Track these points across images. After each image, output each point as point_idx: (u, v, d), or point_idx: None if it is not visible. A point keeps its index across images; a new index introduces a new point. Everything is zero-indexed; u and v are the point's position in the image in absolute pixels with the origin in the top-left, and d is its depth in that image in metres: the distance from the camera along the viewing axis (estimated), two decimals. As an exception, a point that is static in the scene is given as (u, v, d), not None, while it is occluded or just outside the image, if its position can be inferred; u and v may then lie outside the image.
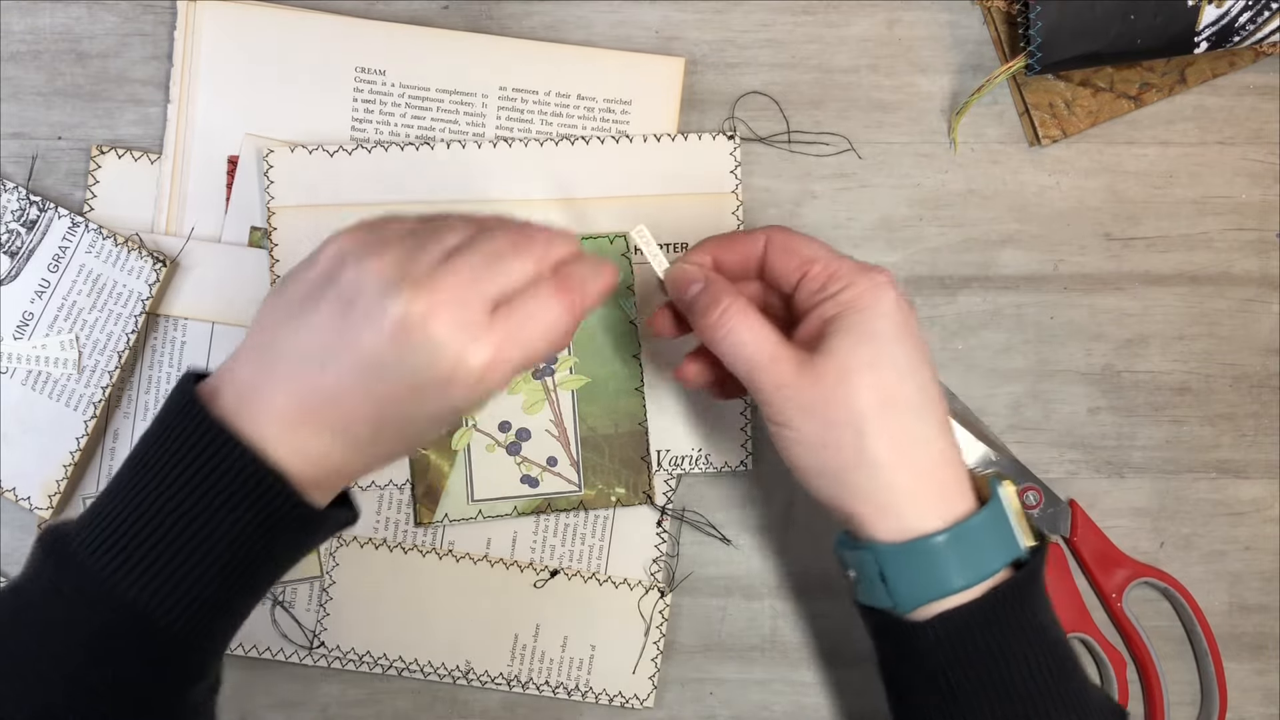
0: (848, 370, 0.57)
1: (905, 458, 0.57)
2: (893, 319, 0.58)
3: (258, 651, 0.74)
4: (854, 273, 0.59)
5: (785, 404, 0.58)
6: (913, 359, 0.59)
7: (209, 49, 0.74)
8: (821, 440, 0.57)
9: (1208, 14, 0.72)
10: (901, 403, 0.58)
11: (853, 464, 0.57)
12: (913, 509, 0.57)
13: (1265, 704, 0.76)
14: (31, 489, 0.73)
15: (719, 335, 0.59)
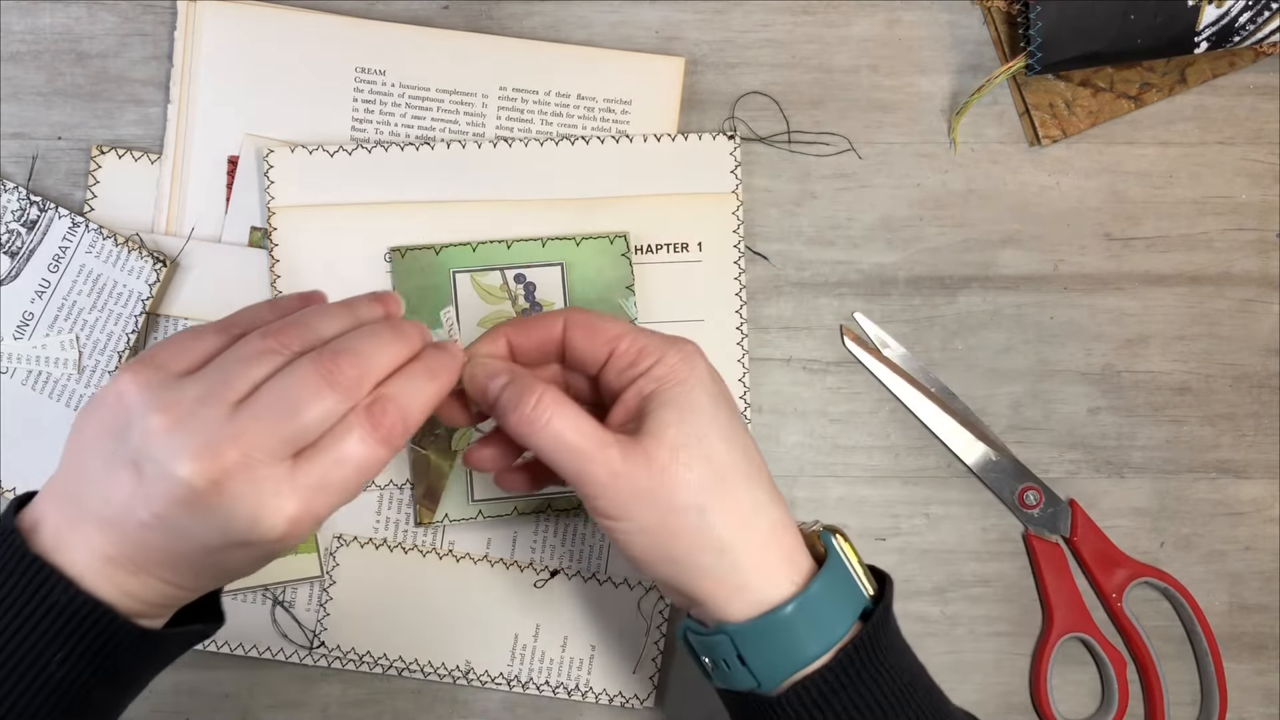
0: (678, 448, 0.54)
1: (747, 531, 0.55)
2: (709, 389, 0.56)
3: (258, 652, 0.74)
4: (664, 346, 0.56)
5: (616, 493, 0.53)
6: (734, 427, 0.57)
7: (209, 49, 0.74)
8: (663, 526, 0.54)
9: (1208, 14, 0.72)
10: (734, 474, 0.55)
11: (698, 546, 0.54)
12: (761, 581, 0.54)
13: (1265, 704, 0.76)
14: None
15: (536, 430, 0.54)
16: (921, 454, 0.76)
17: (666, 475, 0.53)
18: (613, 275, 0.73)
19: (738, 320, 0.74)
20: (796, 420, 0.76)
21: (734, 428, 0.57)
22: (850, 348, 0.76)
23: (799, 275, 0.76)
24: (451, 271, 0.73)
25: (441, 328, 0.59)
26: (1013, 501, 0.75)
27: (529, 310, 0.73)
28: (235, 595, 0.74)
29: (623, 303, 0.73)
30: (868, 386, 0.76)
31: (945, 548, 0.76)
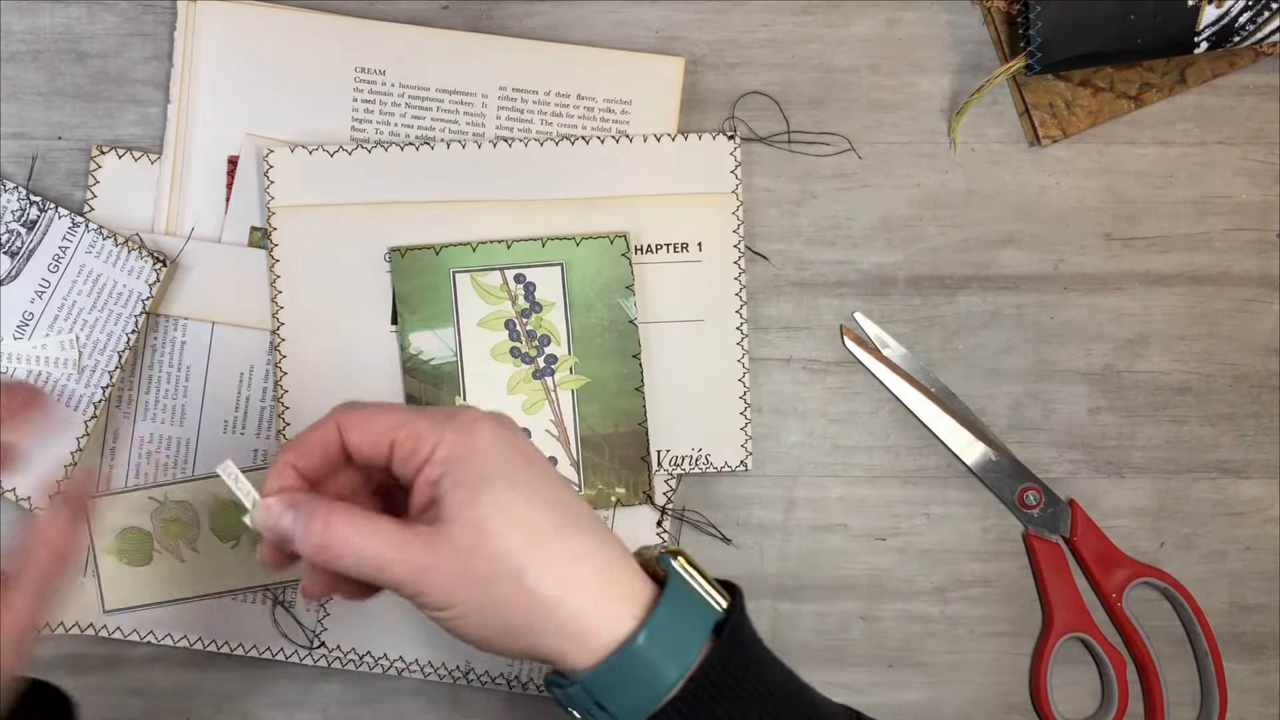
0: (479, 523, 0.52)
1: (574, 581, 0.53)
2: (497, 453, 0.54)
3: (258, 652, 0.74)
4: (439, 427, 0.54)
5: (434, 585, 0.52)
6: (535, 481, 0.54)
7: (209, 49, 0.74)
8: (488, 603, 0.52)
9: (1208, 14, 0.72)
10: (545, 530, 0.53)
11: (527, 610, 0.52)
12: (603, 624, 0.53)
13: (1265, 704, 0.76)
14: (30, 488, 0.73)
15: (333, 552, 0.53)
16: (921, 454, 0.76)
17: (475, 553, 0.52)
18: (612, 275, 0.73)
19: (738, 320, 0.74)
20: (796, 420, 0.76)
21: (536, 482, 0.54)
22: (850, 348, 0.76)
23: (799, 275, 0.76)
24: (451, 271, 0.73)
25: (224, 479, 0.56)
26: (1013, 501, 0.75)
27: (529, 310, 0.73)
28: (235, 595, 0.74)
29: (622, 303, 0.73)
30: (868, 386, 0.76)
31: (945, 548, 0.76)
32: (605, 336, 0.74)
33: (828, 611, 0.76)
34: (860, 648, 0.76)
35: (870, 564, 0.76)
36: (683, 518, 0.75)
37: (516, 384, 0.73)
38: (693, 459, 0.74)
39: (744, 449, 0.75)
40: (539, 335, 0.73)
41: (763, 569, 0.76)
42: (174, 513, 0.74)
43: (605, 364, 0.74)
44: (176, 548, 0.74)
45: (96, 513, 0.58)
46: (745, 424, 0.75)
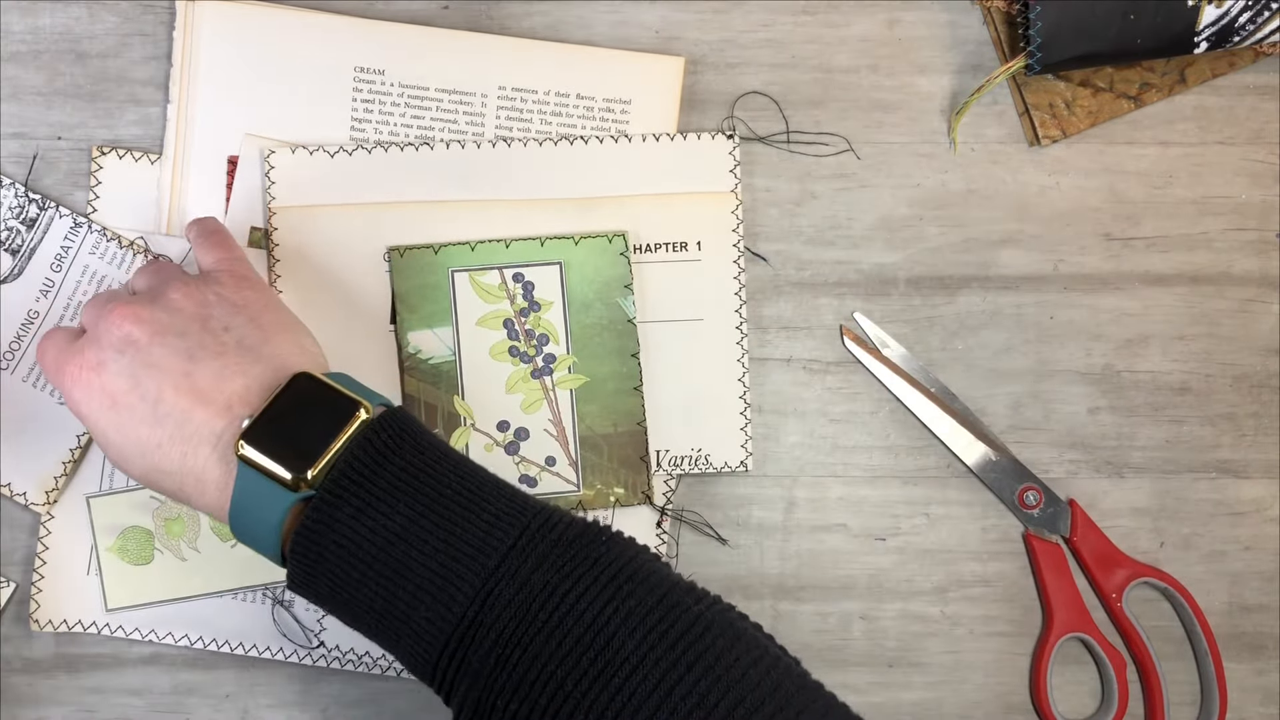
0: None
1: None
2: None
3: (257, 651, 0.74)
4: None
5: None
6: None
7: (208, 49, 0.74)
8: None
9: (1208, 14, 0.72)
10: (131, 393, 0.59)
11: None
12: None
13: (1265, 704, 0.76)
14: (28, 485, 0.73)
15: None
16: (921, 454, 0.76)
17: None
18: (611, 274, 0.73)
19: (737, 320, 0.74)
20: (796, 420, 0.76)
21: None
22: (850, 348, 0.76)
23: (799, 275, 0.76)
24: (450, 271, 0.73)
25: None
26: (1013, 501, 0.75)
27: (527, 309, 0.73)
28: (235, 595, 0.74)
29: (621, 302, 0.73)
30: (868, 386, 0.76)
31: (945, 548, 0.76)
32: (604, 336, 0.74)
33: (828, 611, 0.76)
34: (860, 648, 0.76)
35: (870, 564, 0.76)
36: (681, 518, 0.75)
37: (515, 383, 0.73)
38: (692, 459, 0.74)
39: (744, 449, 0.75)
40: (537, 334, 0.73)
41: (763, 569, 0.76)
42: (175, 511, 0.74)
43: (604, 363, 0.74)
44: (177, 546, 0.74)
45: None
46: (745, 424, 0.75)
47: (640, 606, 0.52)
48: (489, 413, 0.74)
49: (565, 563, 0.54)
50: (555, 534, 0.55)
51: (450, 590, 0.53)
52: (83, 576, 0.74)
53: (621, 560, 0.54)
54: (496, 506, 0.56)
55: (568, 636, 0.52)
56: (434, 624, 0.54)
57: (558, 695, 0.51)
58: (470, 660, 0.53)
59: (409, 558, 0.54)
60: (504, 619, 0.52)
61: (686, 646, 0.51)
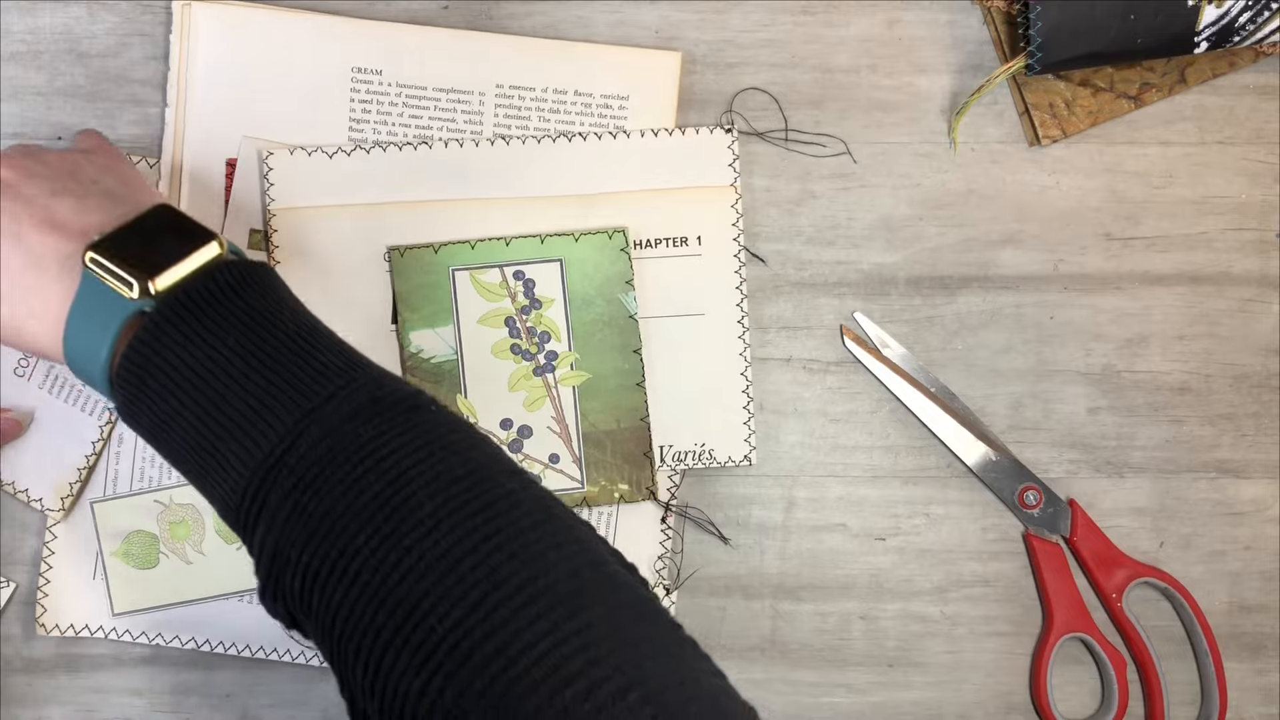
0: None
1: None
2: None
3: (265, 653, 0.74)
4: None
5: None
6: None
7: (205, 51, 0.74)
8: None
9: (1208, 14, 0.72)
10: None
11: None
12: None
13: (1265, 704, 0.76)
14: (44, 490, 0.73)
15: None
16: (921, 454, 0.76)
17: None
18: (612, 270, 0.73)
19: (738, 314, 0.74)
20: (796, 420, 0.76)
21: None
22: (850, 348, 0.76)
23: (799, 275, 0.76)
24: (451, 270, 0.73)
25: None
26: (1013, 501, 0.75)
27: (528, 307, 0.73)
28: (241, 597, 0.74)
29: (622, 298, 0.73)
30: (868, 386, 0.76)
31: (945, 548, 0.76)
32: (605, 332, 0.74)
33: (827, 611, 0.76)
34: (860, 648, 0.76)
35: (870, 564, 0.76)
36: (686, 514, 0.75)
37: (517, 381, 0.73)
38: (695, 454, 0.74)
39: (747, 443, 0.75)
40: (539, 332, 0.73)
41: (763, 569, 0.76)
42: (180, 515, 0.74)
43: (606, 360, 0.74)
44: (183, 550, 0.74)
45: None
46: (748, 418, 0.75)
47: (448, 472, 0.51)
48: (492, 411, 0.74)
49: (382, 420, 0.52)
50: (381, 392, 0.53)
51: (261, 426, 0.52)
52: (88, 581, 0.74)
53: (441, 430, 0.53)
54: (329, 359, 0.54)
55: (366, 491, 0.50)
56: (240, 459, 0.52)
57: (348, 550, 0.49)
58: (269, 502, 0.51)
59: (228, 390, 0.53)
60: (306, 462, 0.51)
61: (488, 519, 0.49)
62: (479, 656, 0.46)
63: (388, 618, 0.48)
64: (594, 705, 0.45)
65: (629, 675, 0.46)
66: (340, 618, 0.50)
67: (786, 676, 0.76)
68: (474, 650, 0.46)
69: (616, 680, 0.45)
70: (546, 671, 0.45)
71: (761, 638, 0.76)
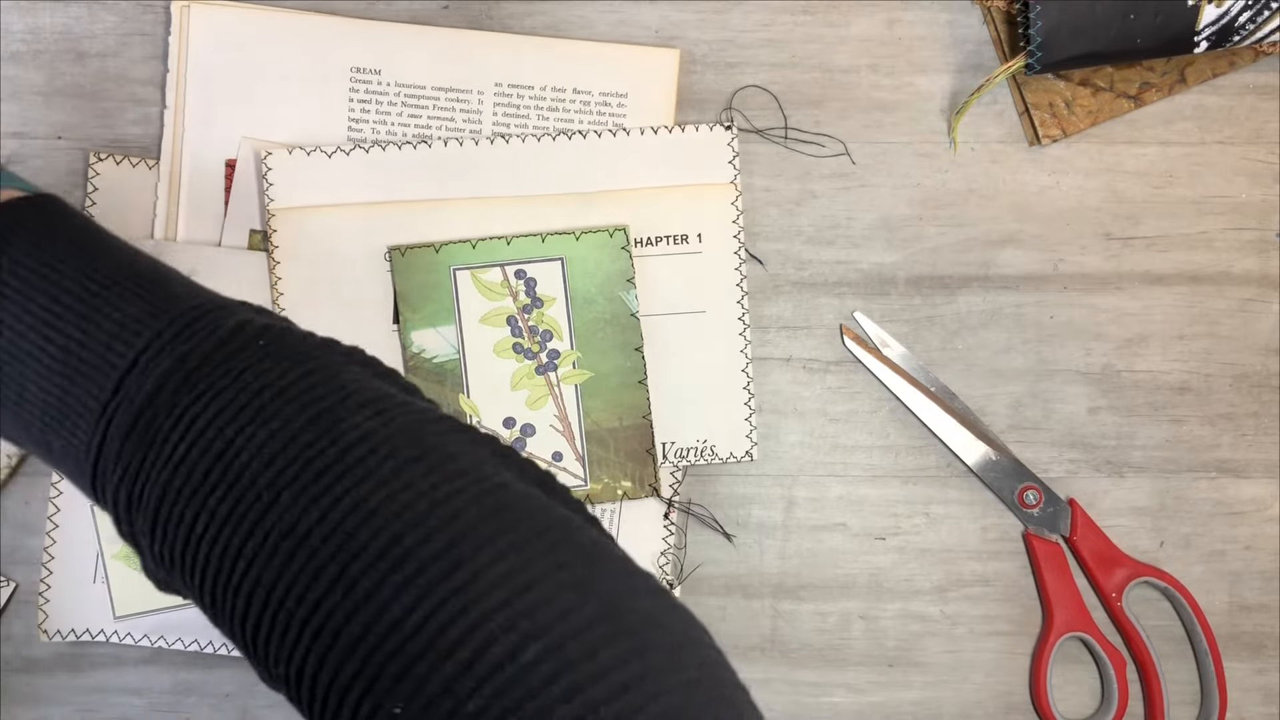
0: None
1: None
2: None
3: (257, 651, 0.74)
4: None
5: None
6: None
7: (203, 52, 0.74)
8: None
9: (1208, 14, 0.72)
10: None
11: None
12: None
13: (1265, 704, 0.76)
14: None
15: None
16: (921, 454, 0.76)
17: None
18: (613, 269, 0.73)
19: (739, 310, 0.74)
20: (796, 420, 0.76)
21: None
22: (850, 347, 0.76)
23: (799, 275, 0.76)
24: (452, 269, 0.73)
25: None
26: (1013, 501, 0.75)
27: (530, 306, 0.73)
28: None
29: (624, 296, 0.73)
30: (868, 386, 0.76)
31: (945, 547, 0.76)
32: (607, 330, 0.74)
33: (827, 611, 0.76)
34: (860, 647, 0.76)
35: (870, 563, 0.76)
36: (689, 510, 0.75)
37: (520, 380, 0.73)
38: (698, 450, 0.75)
39: (749, 439, 0.75)
40: (541, 331, 0.73)
41: (763, 568, 0.75)
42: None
43: (608, 358, 0.74)
44: (180, 550, 0.74)
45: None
46: (750, 414, 0.75)
47: (285, 429, 0.43)
48: (494, 410, 0.74)
49: (200, 380, 0.44)
50: (194, 342, 0.45)
51: (73, 419, 0.45)
52: (89, 584, 0.74)
53: (272, 373, 0.45)
54: (127, 310, 0.46)
55: (194, 471, 0.43)
56: (69, 455, 0.46)
57: (191, 539, 0.43)
58: (105, 493, 0.46)
59: (25, 379, 0.46)
60: (128, 451, 0.44)
61: (338, 475, 0.42)
62: (346, 638, 0.40)
63: (246, 606, 0.42)
64: (478, 675, 0.38)
65: (521, 629, 0.39)
66: (205, 603, 0.45)
67: (786, 676, 0.76)
68: (340, 631, 0.40)
69: (507, 640, 0.39)
70: (423, 645, 0.39)
71: (761, 637, 0.75)
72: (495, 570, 0.40)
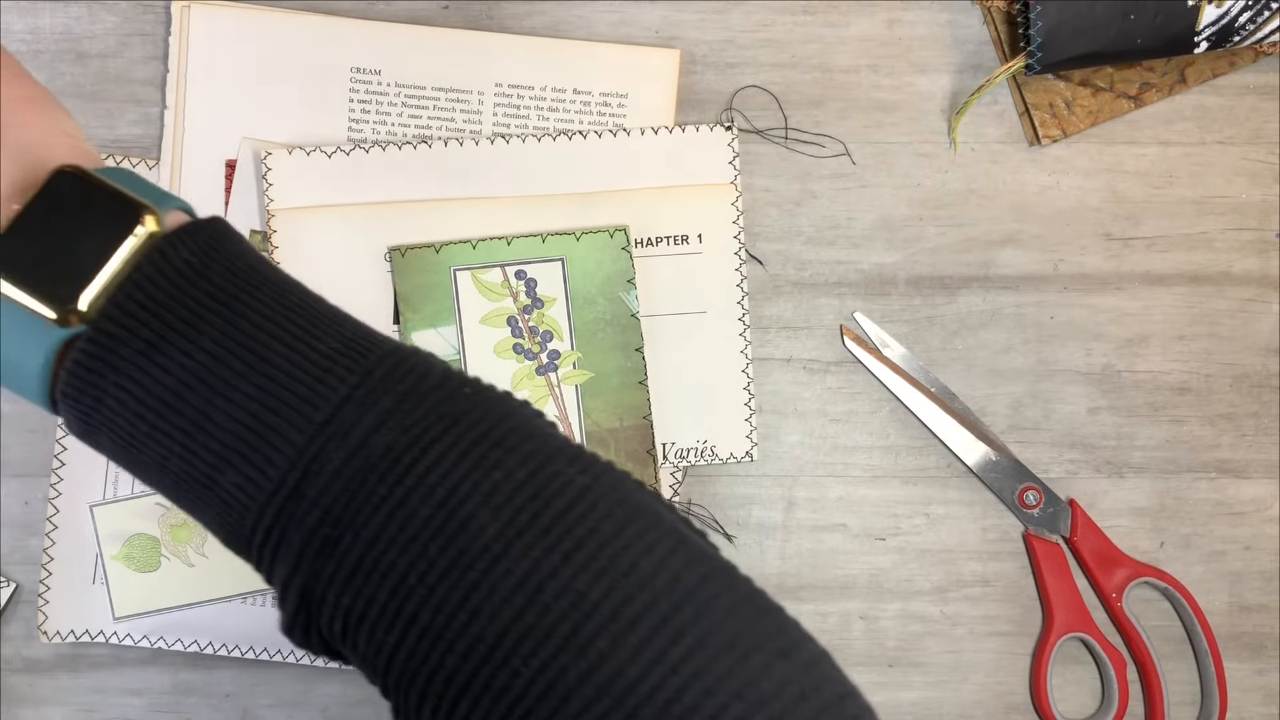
0: None
1: None
2: None
3: (268, 654, 0.74)
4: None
5: None
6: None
7: (203, 53, 0.74)
8: None
9: (1208, 14, 0.72)
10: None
11: None
12: None
13: (1265, 704, 0.76)
14: None
15: None
16: (921, 454, 0.76)
17: None
18: (613, 269, 0.73)
19: (739, 311, 0.74)
20: (796, 420, 0.76)
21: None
22: (850, 348, 0.76)
23: (799, 275, 0.76)
24: (452, 269, 0.73)
25: None
26: (1013, 501, 0.75)
27: (530, 306, 0.73)
28: (245, 599, 0.74)
29: (624, 296, 0.73)
30: (868, 386, 0.76)
31: (945, 548, 0.76)
32: (607, 331, 0.74)
33: (827, 611, 0.76)
34: (860, 648, 0.76)
35: (870, 564, 0.76)
36: (689, 511, 0.75)
37: (520, 380, 0.73)
38: (698, 451, 0.75)
39: (749, 440, 0.75)
40: (541, 331, 0.73)
41: (763, 569, 0.75)
42: (181, 518, 0.74)
43: (608, 358, 0.74)
44: (184, 553, 0.74)
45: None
46: (750, 415, 0.75)
47: (508, 480, 0.42)
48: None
49: (415, 421, 0.42)
50: (407, 383, 0.43)
51: (265, 450, 0.42)
52: (89, 586, 0.74)
53: (489, 420, 0.43)
54: (332, 344, 0.44)
55: (413, 518, 0.41)
56: (244, 491, 0.43)
57: (400, 590, 0.41)
58: (290, 539, 0.42)
59: (211, 407, 0.42)
60: (332, 492, 0.42)
61: (564, 531, 0.41)
62: (578, 700, 0.39)
63: (460, 661, 0.40)
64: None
65: (748, 699, 0.39)
66: (398, 661, 0.42)
67: (787, 676, 0.76)
68: (571, 693, 0.39)
69: (735, 709, 0.39)
70: (658, 709, 0.38)
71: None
72: (718, 637, 0.40)
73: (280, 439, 0.42)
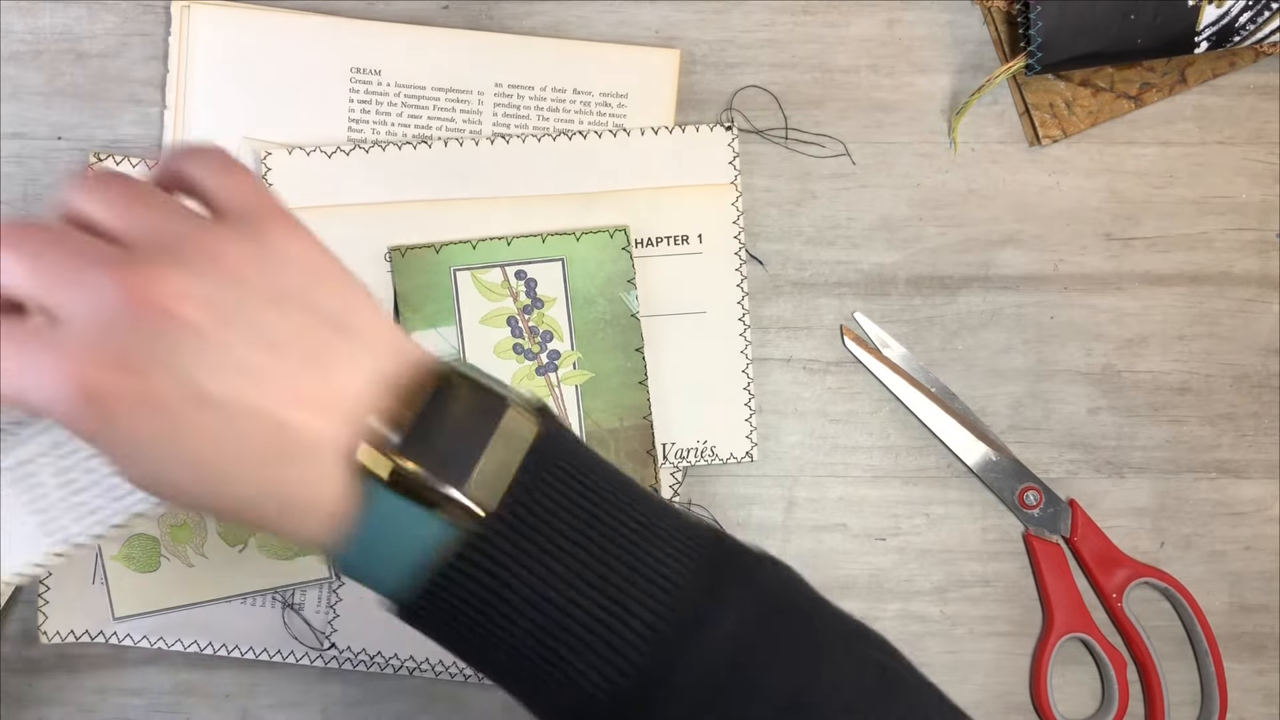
0: None
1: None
2: None
3: (268, 655, 0.74)
4: None
5: None
6: None
7: (203, 53, 0.74)
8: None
9: (1208, 14, 0.72)
10: None
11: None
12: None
13: (1265, 704, 0.76)
14: None
15: None
16: (921, 454, 0.76)
17: None
18: (613, 269, 0.73)
19: (740, 311, 0.74)
20: (796, 420, 0.76)
21: None
22: (850, 348, 0.76)
23: (799, 275, 0.76)
24: (452, 270, 0.73)
25: None
26: (1013, 501, 0.75)
27: (530, 306, 0.73)
28: (244, 599, 0.74)
29: (624, 296, 0.73)
30: (868, 386, 0.76)
31: (945, 548, 0.76)
32: (607, 331, 0.74)
33: (828, 611, 0.76)
34: (860, 648, 0.76)
35: (870, 564, 0.76)
36: (690, 510, 0.75)
37: (520, 381, 0.73)
38: (698, 451, 0.75)
39: (749, 440, 0.75)
40: (541, 331, 0.73)
41: (763, 569, 0.75)
42: (181, 518, 0.74)
43: (608, 358, 0.74)
44: (184, 553, 0.74)
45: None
46: (750, 415, 0.75)
47: (837, 674, 0.46)
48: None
49: (758, 616, 0.45)
50: (744, 575, 0.46)
51: (628, 637, 0.43)
52: (88, 586, 0.74)
53: (809, 611, 0.47)
54: (670, 534, 0.45)
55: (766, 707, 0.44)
56: (600, 673, 0.43)
57: None
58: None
59: (574, 602, 0.43)
60: (695, 678, 0.43)
61: (910, 706, 0.49)
62: None
63: None
64: None
65: None
66: None
67: (787, 676, 0.76)
68: None
69: None
70: None
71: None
72: None
73: (635, 620, 0.43)
